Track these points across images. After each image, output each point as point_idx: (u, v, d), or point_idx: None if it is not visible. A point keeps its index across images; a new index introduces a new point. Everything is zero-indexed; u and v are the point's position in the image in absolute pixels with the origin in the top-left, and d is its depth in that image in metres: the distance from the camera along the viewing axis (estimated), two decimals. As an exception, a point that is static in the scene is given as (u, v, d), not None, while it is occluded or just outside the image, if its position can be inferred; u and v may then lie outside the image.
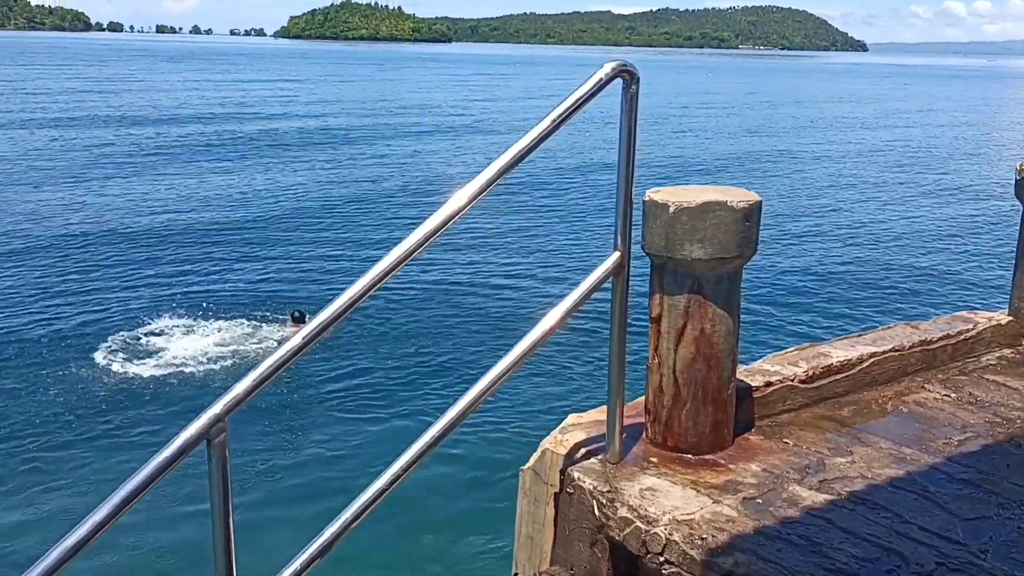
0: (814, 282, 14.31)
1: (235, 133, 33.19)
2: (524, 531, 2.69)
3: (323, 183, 23.08)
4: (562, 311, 2.25)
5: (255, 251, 15.70)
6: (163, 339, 11.07)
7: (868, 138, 37.63)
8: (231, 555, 1.71)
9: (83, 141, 29.49)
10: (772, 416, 2.89)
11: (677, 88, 73.81)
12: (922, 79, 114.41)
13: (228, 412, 1.66)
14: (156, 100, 46.84)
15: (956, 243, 17.62)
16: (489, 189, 2.00)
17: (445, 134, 35.31)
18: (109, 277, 13.75)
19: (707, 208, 2.44)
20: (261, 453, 8.18)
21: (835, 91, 78.11)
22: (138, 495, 1.56)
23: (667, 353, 2.59)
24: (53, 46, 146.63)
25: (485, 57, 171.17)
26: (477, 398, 2.08)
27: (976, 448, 2.74)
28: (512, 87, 70.64)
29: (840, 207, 21.15)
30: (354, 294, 1.81)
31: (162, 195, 20.76)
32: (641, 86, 2.27)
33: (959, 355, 3.45)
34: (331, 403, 9.38)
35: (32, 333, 11.20)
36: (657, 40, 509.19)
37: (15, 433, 8.56)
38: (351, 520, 1.86)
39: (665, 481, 2.46)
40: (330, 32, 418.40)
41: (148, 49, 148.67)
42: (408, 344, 11.04)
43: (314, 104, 48.12)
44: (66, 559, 1.49)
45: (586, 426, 2.68)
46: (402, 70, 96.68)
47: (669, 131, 37.99)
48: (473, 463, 8.04)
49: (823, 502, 2.38)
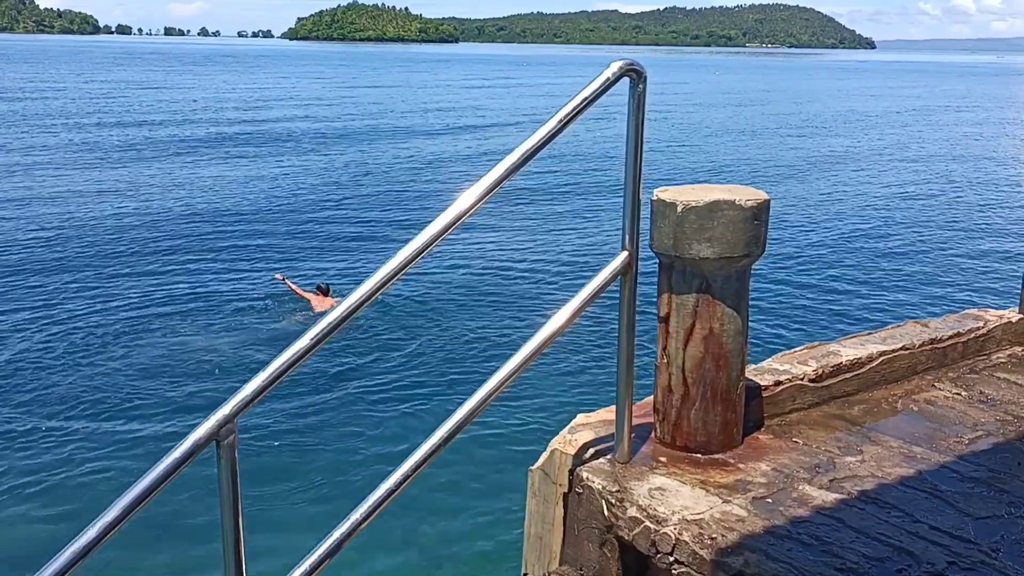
0: (823, 280, 14.26)
1: (255, 130, 33.35)
2: (533, 531, 2.69)
3: (336, 180, 23.14)
4: (570, 311, 2.25)
5: (268, 248, 15.74)
6: (173, 338, 11.11)
7: (876, 135, 37.50)
8: (241, 556, 1.72)
9: (95, 137, 29.66)
10: (781, 415, 2.88)
11: (684, 87, 73.70)
12: (931, 76, 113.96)
13: (237, 414, 1.66)
14: (189, 101, 47.16)
15: (966, 241, 17.53)
16: (497, 189, 2.00)
17: (457, 133, 35.34)
18: (115, 277, 13.80)
19: (715, 207, 2.43)
20: (270, 454, 8.19)
21: (843, 88, 77.87)
22: (148, 497, 1.57)
23: (676, 352, 2.59)
24: (78, 49, 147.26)
25: (493, 57, 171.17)
26: (486, 398, 2.08)
27: (987, 446, 2.73)
28: (522, 87, 70.65)
29: (848, 205, 21.08)
30: (362, 295, 1.81)
31: (178, 192, 20.83)
32: (648, 85, 2.27)
33: (969, 353, 3.43)
34: (339, 404, 9.39)
35: (37, 334, 11.24)
36: (664, 39, 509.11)
37: (22, 435, 8.59)
38: (360, 520, 1.86)
39: (674, 481, 2.46)
40: (337, 33, 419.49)
41: (172, 53, 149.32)
42: (416, 344, 11.05)
43: (334, 104, 48.27)
44: (76, 560, 1.49)
45: (595, 426, 2.67)
46: (412, 72, 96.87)
47: (677, 130, 37.93)
48: (482, 463, 8.03)
49: (833, 501, 2.37)
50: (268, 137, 32.73)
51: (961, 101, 62.51)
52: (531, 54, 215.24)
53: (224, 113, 41.84)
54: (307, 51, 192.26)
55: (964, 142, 35.63)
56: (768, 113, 48.88)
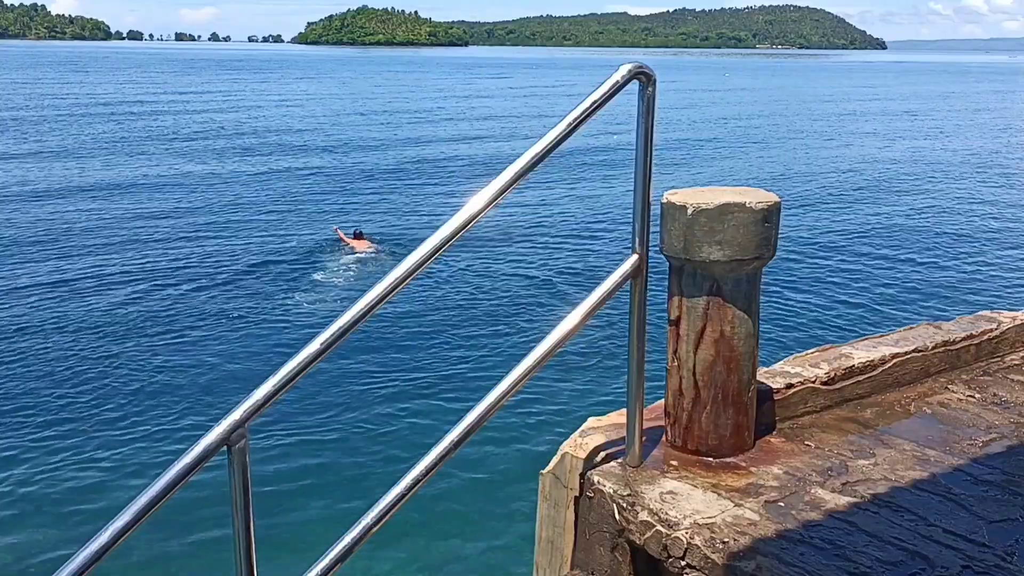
0: (834, 282, 14.21)
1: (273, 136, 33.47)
2: (544, 535, 2.68)
3: (343, 185, 23.22)
4: (581, 314, 2.25)
5: (282, 241, 15.80)
6: (184, 338, 11.15)
7: (887, 136, 37.34)
8: (252, 560, 1.72)
9: (106, 134, 29.84)
10: (793, 418, 2.87)
11: (694, 89, 73.58)
12: (943, 76, 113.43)
13: (248, 418, 1.66)
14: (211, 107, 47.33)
15: (978, 242, 17.44)
16: (507, 192, 2.00)
17: (468, 140, 35.37)
18: (122, 279, 13.86)
19: (725, 209, 2.42)
20: (281, 458, 8.22)
21: (854, 89, 77.59)
22: (159, 501, 1.57)
23: (687, 356, 2.58)
24: (104, 54, 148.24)
25: (505, 60, 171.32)
26: (497, 402, 2.08)
27: (1001, 449, 2.71)
28: (535, 89, 70.68)
29: (859, 206, 20.99)
30: (372, 299, 1.81)
31: (178, 196, 20.93)
32: (658, 87, 2.26)
33: (983, 355, 3.41)
34: (350, 409, 9.40)
35: (48, 336, 11.29)
36: (674, 41, 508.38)
37: (35, 440, 8.63)
38: (371, 524, 1.86)
39: (686, 484, 2.45)
40: (347, 38, 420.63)
41: (193, 58, 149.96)
42: (427, 348, 11.06)
43: (344, 114, 48.47)
44: (90, 564, 1.50)
45: (605, 429, 2.67)
46: (425, 75, 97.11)
47: (687, 132, 37.87)
48: (492, 467, 8.04)
49: (846, 505, 2.35)
50: (294, 141, 32.86)
51: (975, 102, 62.17)
52: (542, 57, 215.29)
53: (263, 118, 42.01)
54: (321, 55, 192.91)
55: (979, 143, 35.45)
56: (778, 114, 48.75)
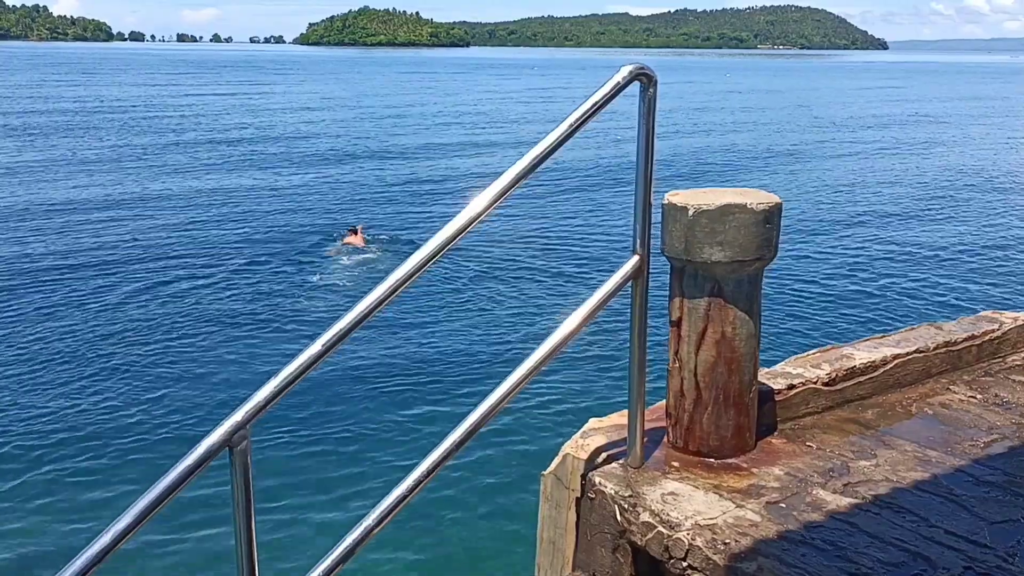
0: (836, 283, 14.20)
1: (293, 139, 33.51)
2: (546, 536, 2.68)
3: (348, 192, 23.23)
4: (582, 315, 2.25)
5: (282, 246, 15.81)
6: (186, 339, 11.16)
7: (888, 137, 37.32)
8: (254, 562, 1.72)
9: (104, 139, 29.87)
10: (795, 419, 2.87)
11: (695, 89, 73.57)
12: (945, 76, 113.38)
13: (250, 419, 1.67)
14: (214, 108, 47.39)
15: (980, 242, 17.42)
16: (508, 194, 2.00)
17: (475, 143, 35.41)
18: (122, 279, 13.87)
19: (727, 211, 2.43)
20: (283, 459, 8.21)
21: (855, 89, 77.56)
22: (161, 503, 1.58)
23: (688, 357, 2.58)
24: (114, 56, 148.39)
25: (506, 61, 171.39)
26: (498, 403, 2.08)
27: (1003, 450, 2.71)
28: (535, 90, 70.74)
29: (861, 207, 20.98)
30: (374, 301, 1.82)
31: (199, 198, 20.95)
32: (659, 88, 2.26)
33: (984, 356, 3.41)
34: (351, 410, 9.40)
35: (49, 338, 11.31)
36: (675, 41, 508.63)
37: (35, 441, 8.63)
38: (373, 526, 1.87)
39: (687, 485, 2.45)
40: (348, 38, 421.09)
41: (196, 59, 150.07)
42: (427, 349, 11.06)
43: (348, 114, 48.49)
44: (91, 566, 1.50)
45: (607, 430, 2.67)
46: (427, 75, 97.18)
47: (688, 132, 37.87)
48: (493, 468, 8.03)
49: (847, 506, 2.36)
50: (298, 142, 32.88)
51: (978, 102, 62.11)
52: (543, 57, 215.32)
53: (266, 119, 42.05)
54: (323, 56, 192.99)
55: (982, 143, 35.42)
56: (779, 115, 48.72)
